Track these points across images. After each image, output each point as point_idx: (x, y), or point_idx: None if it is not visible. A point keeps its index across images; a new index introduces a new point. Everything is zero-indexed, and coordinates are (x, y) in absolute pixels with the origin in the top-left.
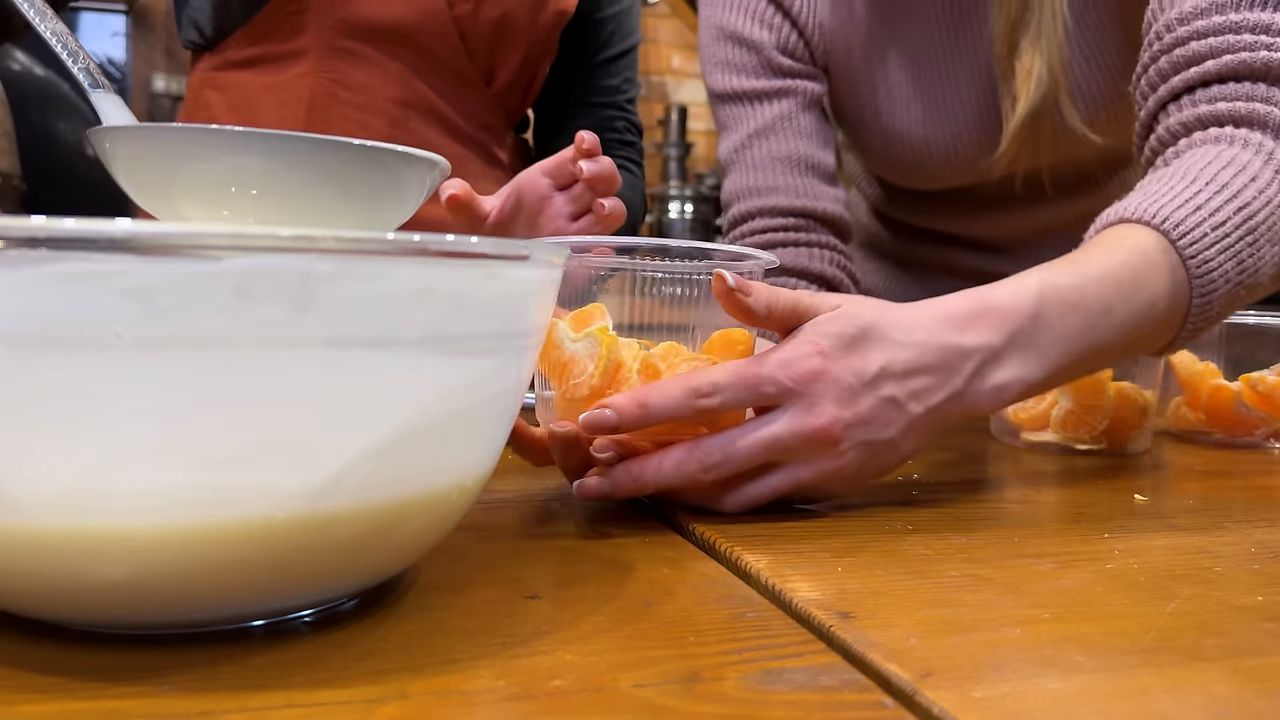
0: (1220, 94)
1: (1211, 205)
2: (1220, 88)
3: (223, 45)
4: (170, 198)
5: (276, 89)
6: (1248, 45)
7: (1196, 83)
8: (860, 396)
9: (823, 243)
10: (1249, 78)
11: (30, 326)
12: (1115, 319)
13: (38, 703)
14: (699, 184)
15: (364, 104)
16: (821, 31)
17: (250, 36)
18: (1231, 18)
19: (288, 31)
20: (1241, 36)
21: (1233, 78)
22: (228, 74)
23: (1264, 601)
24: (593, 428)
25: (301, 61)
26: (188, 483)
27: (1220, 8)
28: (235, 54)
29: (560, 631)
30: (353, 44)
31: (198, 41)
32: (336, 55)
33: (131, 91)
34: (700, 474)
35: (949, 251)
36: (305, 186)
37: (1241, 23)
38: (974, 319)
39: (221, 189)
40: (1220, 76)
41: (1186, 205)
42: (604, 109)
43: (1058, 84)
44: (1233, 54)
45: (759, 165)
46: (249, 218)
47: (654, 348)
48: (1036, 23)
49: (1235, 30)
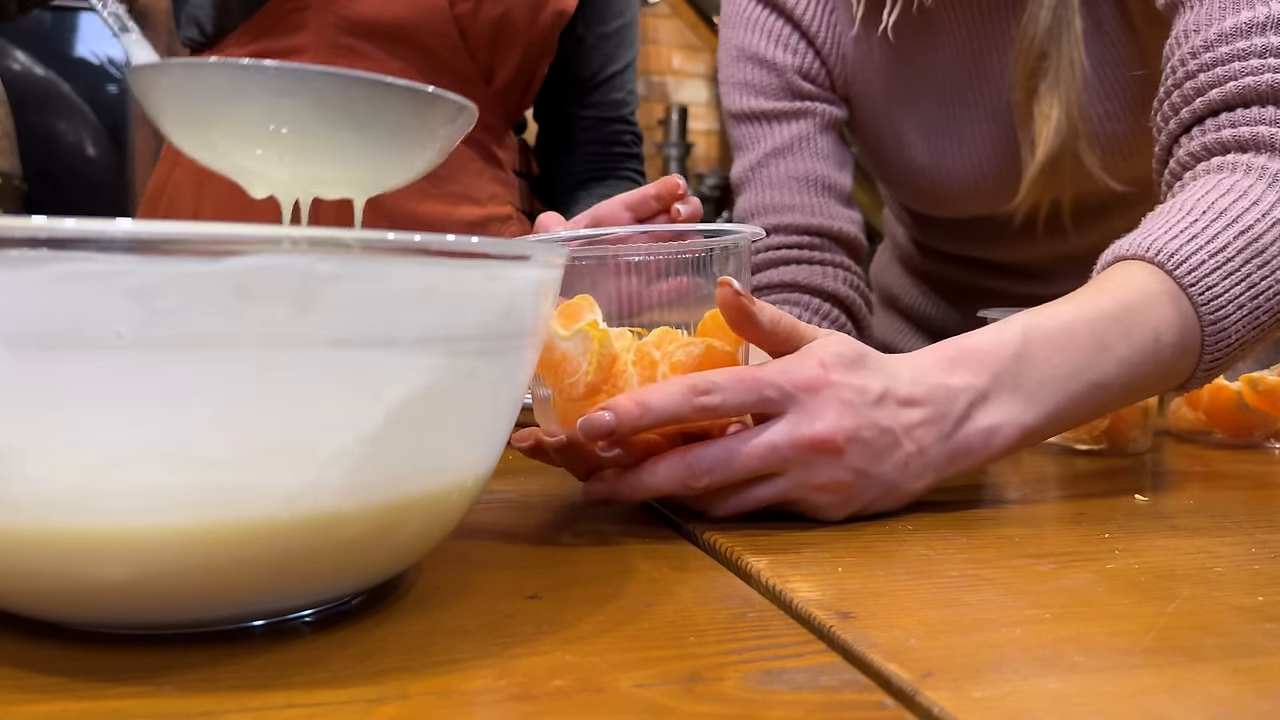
0: (1226, 121)
1: (1209, 233)
2: (1227, 115)
3: (222, 43)
4: (209, 136)
5: None
6: (1253, 70)
7: (1205, 113)
8: (862, 413)
9: (837, 262)
10: (1256, 102)
11: (32, 327)
12: (1114, 355)
13: (39, 702)
14: (699, 184)
15: None
16: (844, 63)
17: (250, 34)
18: (1239, 46)
19: (288, 29)
20: (1248, 62)
21: (1240, 104)
22: None
23: (1264, 602)
24: (590, 432)
25: (301, 59)
26: (189, 483)
27: (1228, 38)
28: (234, 51)
29: (561, 631)
30: (353, 42)
31: (197, 39)
32: (337, 53)
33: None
34: (693, 480)
35: (982, 275)
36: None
37: (1249, 49)
38: (957, 364)
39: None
40: (1227, 104)
41: (1181, 236)
42: (611, 123)
43: (1076, 130)
44: (1237, 80)
45: (775, 184)
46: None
47: (646, 335)
48: (1054, 70)
49: (1242, 57)
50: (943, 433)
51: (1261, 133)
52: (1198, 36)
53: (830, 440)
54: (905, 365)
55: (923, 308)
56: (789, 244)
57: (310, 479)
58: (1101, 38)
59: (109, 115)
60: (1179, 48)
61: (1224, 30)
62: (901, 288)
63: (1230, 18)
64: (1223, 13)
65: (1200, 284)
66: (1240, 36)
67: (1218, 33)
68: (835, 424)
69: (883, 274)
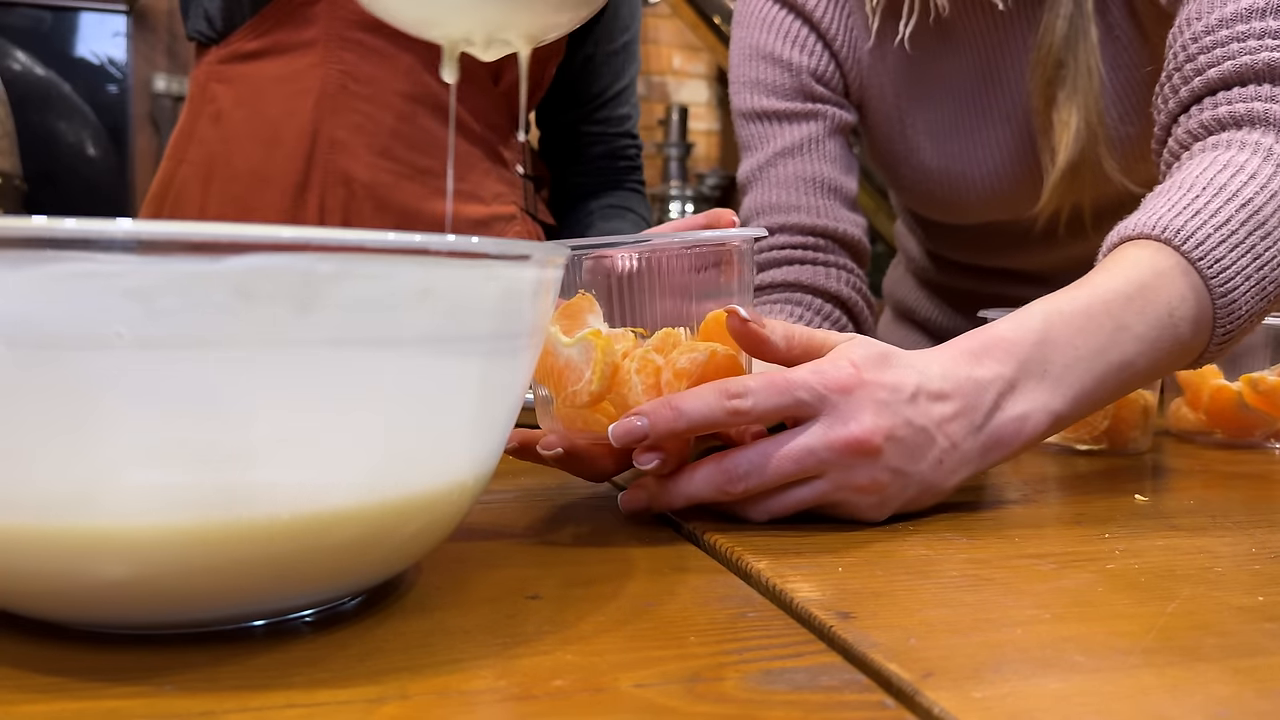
0: (1224, 99)
1: (1211, 207)
2: (1224, 93)
3: (230, 37)
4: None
5: (285, 80)
6: (1250, 50)
7: (1203, 92)
8: (898, 412)
9: (840, 264)
10: (1253, 80)
11: (32, 326)
12: (1132, 334)
13: (39, 702)
14: (700, 184)
15: (372, 96)
16: (859, 68)
17: (259, 28)
18: (1238, 29)
19: (298, 23)
20: (1246, 43)
21: (1237, 82)
22: (234, 66)
23: (1264, 602)
24: (624, 438)
25: (311, 53)
26: (189, 483)
27: (1228, 22)
28: (243, 46)
29: (561, 631)
30: (363, 36)
31: (206, 33)
32: (347, 47)
33: (132, 91)
34: (730, 486)
35: (998, 283)
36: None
37: (1247, 31)
38: (982, 354)
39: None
40: (1225, 83)
41: (1185, 211)
42: (618, 138)
43: (1096, 136)
44: (1234, 60)
45: (782, 184)
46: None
47: (649, 337)
48: (1072, 78)
49: (1240, 39)
50: (974, 425)
51: (1256, 109)
52: (1199, 23)
53: (868, 441)
54: (933, 360)
55: (938, 319)
56: (794, 244)
57: (310, 479)
58: (1114, 41)
59: (109, 115)
60: (1180, 35)
61: (1224, 16)
62: (916, 300)
63: (1231, 4)
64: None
65: (1208, 257)
66: (1240, 21)
67: (1218, 18)
68: (872, 424)
69: (896, 288)
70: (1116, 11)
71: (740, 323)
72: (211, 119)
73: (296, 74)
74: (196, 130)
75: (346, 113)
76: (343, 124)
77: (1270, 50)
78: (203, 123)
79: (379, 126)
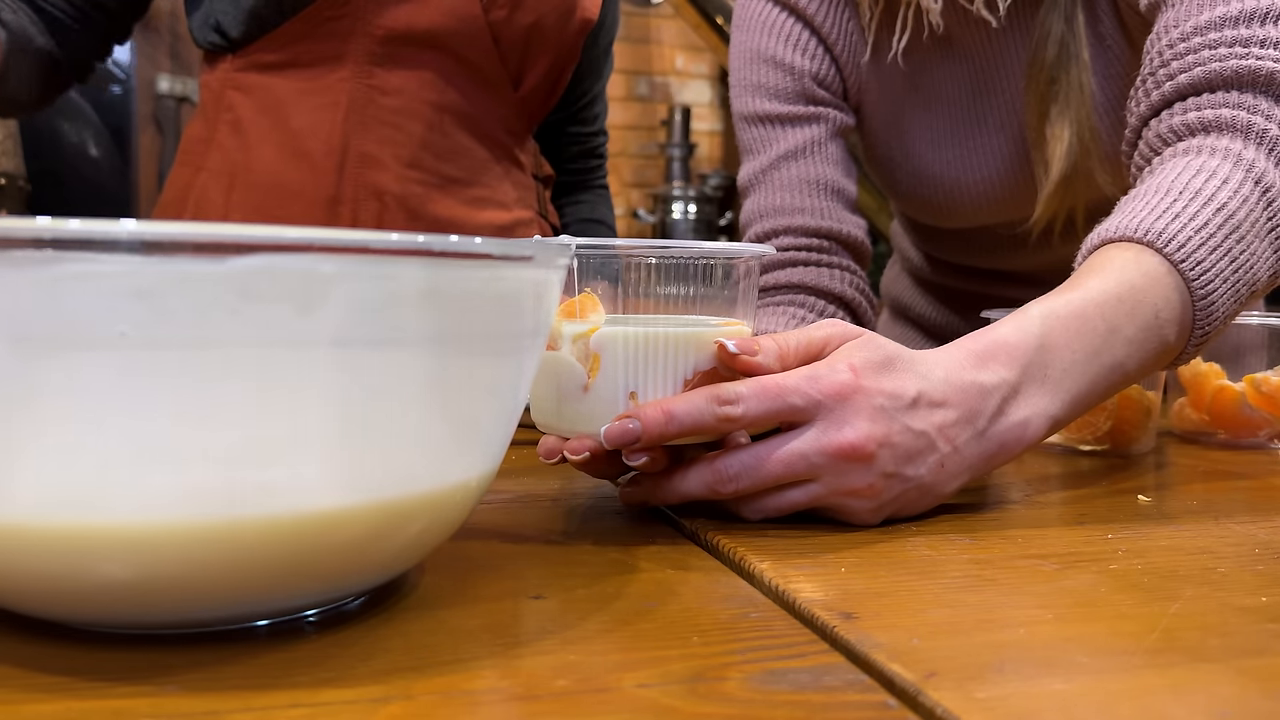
0: (1193, 105)
1: (1189, 212)
2: (1194, 99)
3: (249, 48)
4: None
5: (311, 93)
6: (1220, 57)
7: (1174, 97)
8: (895, 419)
9: (843, 265)
10: (1221, 87)
11: (36, 327)
12: (1123, 336)
13: (43, 702)
14: (702, 184)
15: (401, 108)
16: (859, 73)
17: (282, 40)
18: (1210, 37)
19: (324, 36)
20: (1217, 50)
21: (1207, 89)
22: (254, 75)
23: (1268, 602)
24: (616, 440)
25: (340, 67)
26: (192, 482)
27: (1202, 30)
28: (264, 57)
29: (564, 632)
30: (391, 49)
31: (219, 43)
32: (375, 61)
33: (136, 92)
34: (720, 486)
35: (992, 284)
36: None
37: (1219, 39)
38: (986, 359)
39: None
40: (1195, 89)
41: (1165, 215)
42: (593, 136)
43: (1087, 150)
44: (1205, 67)
45: (785, 187)
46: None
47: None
48: (1064, 94)
49: (1212, 46)
50: (976, 431)
51: (1224, 115)
52: (1175, 30)
53: (861, 448)
54: (937, 364)
55: (933, 317)
56: (797, 246)
57: (314, 479)
58: (1106, 52)
59: (112, 116)
60: (1157, 41)
61: (1199, 24)
62: (912, 299)
63: (1206, 13)
64: (1199, 9)
65: (1190, 259)
66: (1212, 29)
67: (1193, 26)
68: (867, 432)
69: (892, 286)
70: (1108, 22)
71: (729, 357)
72: (230, 127)
73: (325, 88)
74: (215, 137)
75: (375, 125)
76: (372, 137)
77: (1239, 58)
78: (221, 130)
79: (408, 138)
